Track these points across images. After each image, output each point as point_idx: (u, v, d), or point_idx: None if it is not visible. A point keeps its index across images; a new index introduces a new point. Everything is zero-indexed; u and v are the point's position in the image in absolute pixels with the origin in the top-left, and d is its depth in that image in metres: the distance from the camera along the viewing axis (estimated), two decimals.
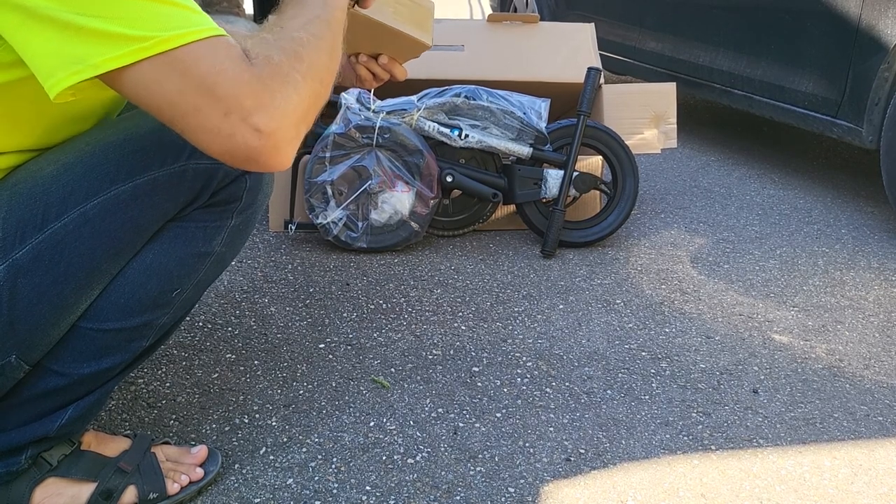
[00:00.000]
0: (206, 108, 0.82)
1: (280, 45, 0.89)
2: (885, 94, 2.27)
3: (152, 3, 0.81)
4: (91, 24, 0.79)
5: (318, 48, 0.93)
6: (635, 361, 1.60)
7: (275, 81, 0.85)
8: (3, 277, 0.95)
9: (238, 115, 0.83)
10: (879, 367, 1.62)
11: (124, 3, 0.80)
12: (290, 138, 0.87)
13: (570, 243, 2.15)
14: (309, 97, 0.89)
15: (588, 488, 1.23)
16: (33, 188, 0.96)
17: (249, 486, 1.20)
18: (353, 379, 1.50)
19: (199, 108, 0.82)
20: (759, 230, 2.35)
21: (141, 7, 0.81)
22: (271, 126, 0.84)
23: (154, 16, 0.81)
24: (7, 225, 0.95)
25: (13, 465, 1.07)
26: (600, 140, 2.17)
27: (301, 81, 0.88)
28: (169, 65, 0.81)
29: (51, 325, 0.99)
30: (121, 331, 1.05)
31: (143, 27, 0.80)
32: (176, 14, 0.82)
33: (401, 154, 2.03)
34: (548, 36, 2.43)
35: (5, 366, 0.99)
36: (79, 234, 0.97)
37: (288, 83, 0.87)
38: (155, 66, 0.81)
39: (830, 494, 1.24)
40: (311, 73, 0.90)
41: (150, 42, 0.80)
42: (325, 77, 0.93)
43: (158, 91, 0.82)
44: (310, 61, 0.90)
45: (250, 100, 0.83)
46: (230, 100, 0.83)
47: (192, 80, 0.82)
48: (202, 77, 0.82)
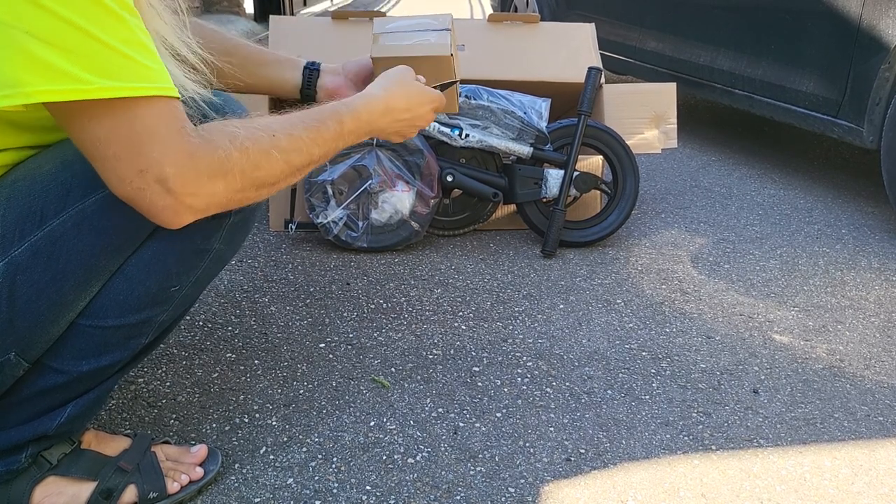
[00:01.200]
0: (126, 160, 0.84)
1: (244, 143, 0.91)
2: (886, 94, 2.27)
3: (108, 50, 0.81)
4: (38, 49, 0.79)
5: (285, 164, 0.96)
6: (636, 361, 1.60)
7: (208, 166, 0.88)
8: (1, 275, 0.95)
9: (153, 176, 0.85)
10: (880, 367, 1.62)
11: (81, 40, 0.80)
12: (194, 213, 0.90)
13: (571, 243, 2.15)
14: (238, 196, 0.92)
15: (588, 488, 1.23)
16: (32, 185, 0.96)
17: (249, 486, 1.20)
18: (354, 378, 1.50)
19: (118, 158, 0.85)
20: (760, 230, 2.35)
21: (96, 50, 0.81)
22: (184, 198, 0.87)
23: (106, 62, 0.81)
24: (6, 222, 0.95)
25: (13, 463, 1.07)
26: (601, 140, 2.17)
27: (238, 182, 0.91)
28: (105, 113, 0.83)
29: (50, 323, 0.99)
30: (120, 328, 1.04)
31: (90, 69, 0.81)
32: (129, 67, 0.83)
33: (401, 153, 2.03)
34: (548, 36, 2.43)
35: (4, 363, 0.99)
36: (78, 231, 0.97)
37: (222, 176, 0.89)
38: (92, 108, 0.82)
39: (831, 495, 1.24)
40: (259, 180, 0.93)
41: (92, 87, 0.81)
42: (269, 187, 0.96)
43: (88, 130, 0.84)
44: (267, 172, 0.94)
45: (172, 168, 0.85)
46: (151, 161, 0.85)
47: (122, 132, 0.83)
48: (133, 133, 0.84)
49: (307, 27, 2.44)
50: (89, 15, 0.80)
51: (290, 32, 2.35)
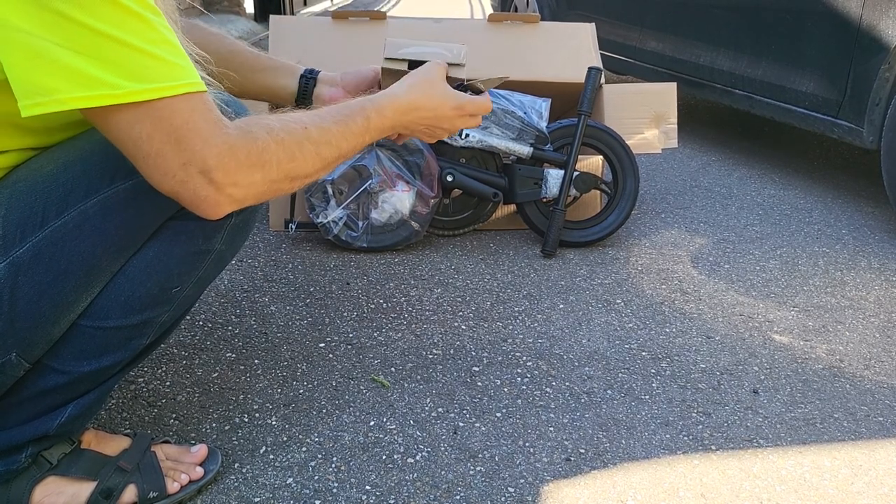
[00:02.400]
0: (169, 154, 0.87)
1: (280, 135, 0.95)
2: (886, 94, 2.27)
3: (136, 53, 0.83)
4: (69, 58, 0.80)
5: (317, 158, 1.00)
6: (635, 361, 1.60)
7: (247, 157, 0.91)
8: (3, 275, 0.95)
9: (196, 168, 0.88)
10: (880, 367, 1.62)
11: (108, 45, 0.81)
12: (234, 203, 0.93)
13: (571, 243, 2.15)
14: (274, 187, 0.95)
15: (588, 488, 1.23)
16: (34, 186, 0.96)
17: (249, 486, 1.20)
18: (354, 378, 1.50)
19: (161, 153, 0.87)
20: (760, 230, 2.35)
21: (124, 54, 0.82)
22: (225, 188, 0.90)
23: (135, 65, 0.83)
24: (7, 223, 0.95)
25: (13, 463, 1.07)
26: (601, 140, 2.17)
27: (275, 172, 0.94)
28: (141, 113, 0.84)
29: (51, 323, 0.99)
30: (121, 328, 1.05)
31: (121, 74, 0.82)
32: (157, 67, 0.84)
33: (401, 153, 2.03)
34: (548, 36, 2.42)
35: (5, 364, 0.99)
36: (79, 232, 0.97)
37: (260, 166, 0.92)
38: (127, 110, 0.84)
39: (830, 495, 1.24)
40: (293, 172, 0.97)
41: (123, 91, 0.82)
42: (301, 180, 0.99)
43: (126, 130, 0.85)
44: (301, 164, 0.97)
45: (213, 159, 0.88)
46: (194, 154, 0.87)
47: (163, 129, 0.85)
48: (173, 129, 0.86)
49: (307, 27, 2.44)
50: (114, 20, 0.81)
51: (290, 32, 2.35)
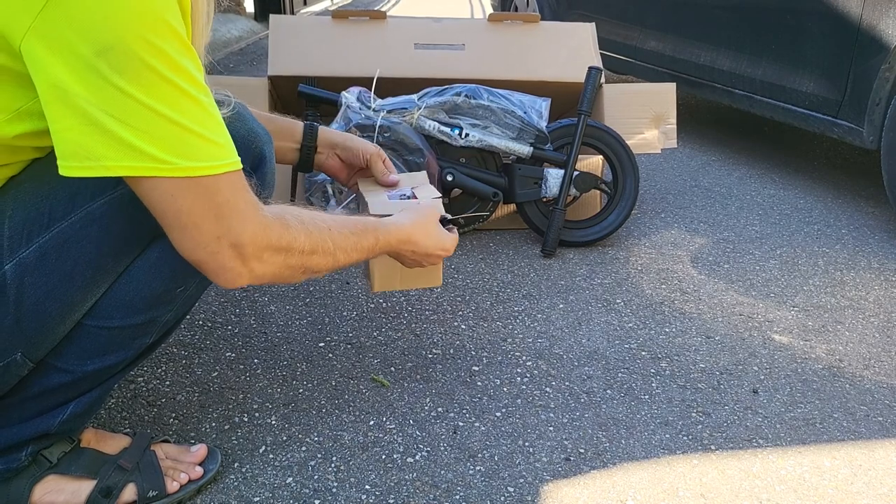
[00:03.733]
0: (206, 227, 0.92)
1: (309, 228, 1.03)
2: (886, 94, 2.27)
3: (185, 132, 0.87)
4: (118, 129, 0.84)
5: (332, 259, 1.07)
6: (635, 361, 1.60)
7: (278, 239, 0.98)
8: (10, 276, 0.95)
9: (228, 242, 0.93)
10: (879, 367, 1.62)
11: (156, 122, 0.85)
12: (252, 279, 0.98)
13: (571, 243, 2.15)
14: (287, 273, 1.02)
15: (588, 488, 1.23)
16: (39, 188, 0.97)
17: (249, 485, 1.20)
18: (353, 378, 1.50)
19: (198, 226, 0.91)
20: (760, 230, 2.35)
21: (174, 132, 0.86)
22: (251, 263, 0.96)
23: (183, 144, 0.87)
24: (14, 224, 0.95)
25: (13, 462, 1.07)
26: (601, 139, 2.17)
27: (295, 260, 1.01)
28: (185, 187, 0.89)
29: (57, 323, 1.00)
30: (125, 328, 1.05)
31: (169, 151, 0.86)
32: (204, 147, 0.89)
33: (401, 153, 2.03)
34: (549, 35, 2.43)
35: (10, 363, 0.99)
36: (85, 233, 0.97)
37: (286, 250, 1.00)
38: (171, 182, 0.88)
39: (830, 495, 1.24)
40: (309, 265, 1.04)
41: (169, 166, 0.86)
42: (311, 273, 1.06)
43: (168, 202, 0.90)
44: (318, 259, 1.05)
45: (248, 236, 0.94)
46: (230, 229, 0.93)
47: (205, 204, 0.90)
48: (214, 205, 0.91)
49: (307, 26, 2.44)
50: (169, 100, 0.85)
51: (290, 32, 2.35)
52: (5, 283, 0.95)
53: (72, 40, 0.80)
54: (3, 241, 0.95)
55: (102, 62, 0.81)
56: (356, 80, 2.11)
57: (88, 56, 0.81)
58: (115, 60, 0.81)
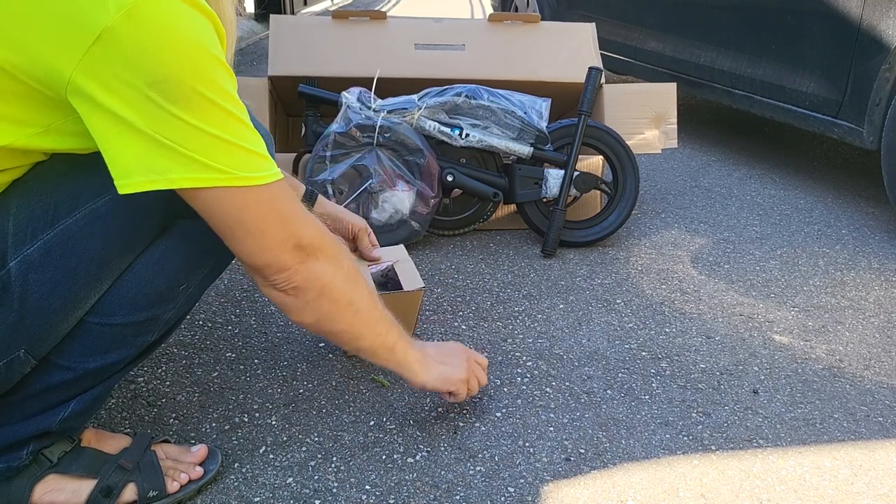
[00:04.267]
0: (272, 231, 0.98)
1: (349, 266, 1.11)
2: (886, 94, 2.27)
3: (235, 148, 0.93)
4: (177, 148, 0.89)
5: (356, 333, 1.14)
6: (635, 361, 1.60)
7: (332, 246, 1.07)
8: (14, 273, 0.96)
9: (293, 242, 1.01)
10: (879, 367, 1.62)
11: (211, 142, 0.90)
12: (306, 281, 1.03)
13: (571, 243, 2.15)
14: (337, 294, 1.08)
15: (588, 488, 1.23)
16: (44, 185, 0.97)
17: (249, 485, 1.20)
18: (353, 378, 1.50)
19: (265, 231, 0.98)
20: (760, 230, 2.35)
21: (225, 149, 0.92)
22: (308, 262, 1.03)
23: (236, 158, 0.93)
24: (18, 221, 0.96)
25: (14, 460, 1.07)
26: (601, 140, 2.17)
27: (342, 278, 1.08)
28: (249, 195, 0.95)
29: (60, 320, 1.00)
30: (128, 325, 1.05)
31: (227, 164, 0.92)
32: (254, 160, 0.95)
33: (401, 153, 2.03)
34: (549, 35, 2.43)
35: (13, 360, 1.00)
36: (89, 230, 0.98)
37: (336, 263, 1.07)
38: (236, 192, 0.94)
39: (830, 495, 1.24)
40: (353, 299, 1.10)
41: (228, 175, 0.92)
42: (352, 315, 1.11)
43: (236, 213, 0.96)
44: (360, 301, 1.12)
45: (308, 236, 1.02)
46: (294, 231, 1.00)
47: (269, 211, 0.97)
48: (278, 211, 0.98)
49: (307, 26, 2.44)
50: (218, 122, 0.90)
51: (291, 32, 2.35)
52: (10, 280, 0.96)
53: (124, 74, 0.85)
54: (8, 238, 0.96)
55: (155, 93, 0.86)
56: (356, 81, 2.11)
57: (142, 87, 0.85)
58: (168, 91, 0.86)
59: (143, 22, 0.84)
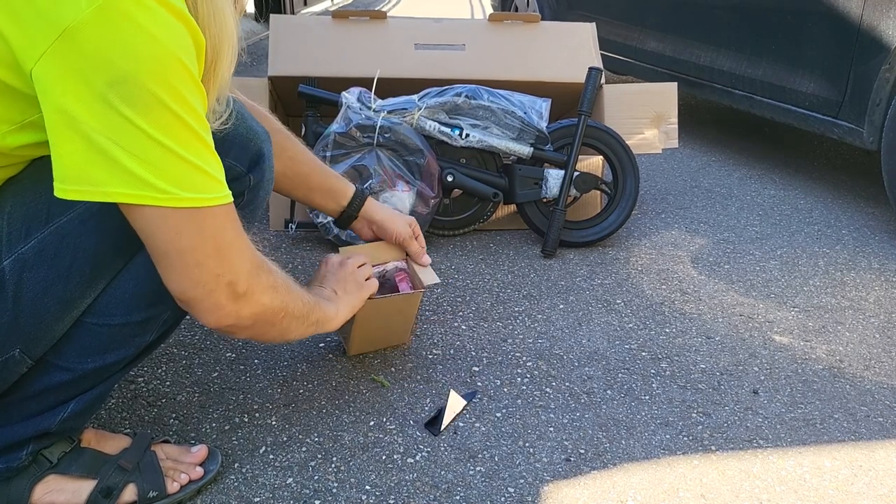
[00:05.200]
0: (209, 265, 0.93)
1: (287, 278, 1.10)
2: (887, 94, 2.27)
3: (184, 164, 0.88)
4: (121, 157, 0.85)
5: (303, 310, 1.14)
6: (635, 361, 1.60)
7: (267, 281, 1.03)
8: (8, 271, 0.95)
9: (226, 280, 0.96)
10: (880, 367, 1.62)
11: (159, 153, 0.86)
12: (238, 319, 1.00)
13: (571, 243, 2.15)
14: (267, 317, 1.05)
15: (588, 488, 1.23)
16: (38, 184, 0.97)
17: (249, 485, 1.20)
18: (353, 378, 1.50)
19: (202, 264, 0.93)
20: (760, 231, 2.35)
21: (172, 163, 0.87)
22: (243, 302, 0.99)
23: (182, 175, 0.88)
24: (13, 220, 0.96)
25: (14, 461, 1.07)
26: (601, 140, 2.17)
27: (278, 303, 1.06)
28: (191, 220, 0.90)
29: (55, 320, 1.00)
30: (125, 325, 1.05)
31: (169, 181, 0.87)
32: (201, 179, 0.90)
33: (401, 153, 2.03)
34: (549, 35, 2.43)
35: (8, 360, 0.99)
36: (84, 228, 0.97)
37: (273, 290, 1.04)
38: (177, 218, 0.89)
39: (830, 495, 1.24)
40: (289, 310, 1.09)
41: (169, 195, 0.87)
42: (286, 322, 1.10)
43: (173, 239, 0.90)
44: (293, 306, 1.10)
45: (245, 275, 0.98)
46: (230, 267, 0.95)
47: (207, 240, 0.92)
48: (217, 242, 0.93)
49: (307, 26, 2.44)
50: (171, 131, 0.86)
51: (291, 32, 2.35)
52: (4, 279, 0.95)
53: (85, 71, 0.82)
54: (2, 237, 0.95)
55: (113, 93, 0.83)
56: (356, 81, 2.11)
57: (100, 86, 0.82)
58: (126, 92, 0.83)
59: (111, 19, 0.82)
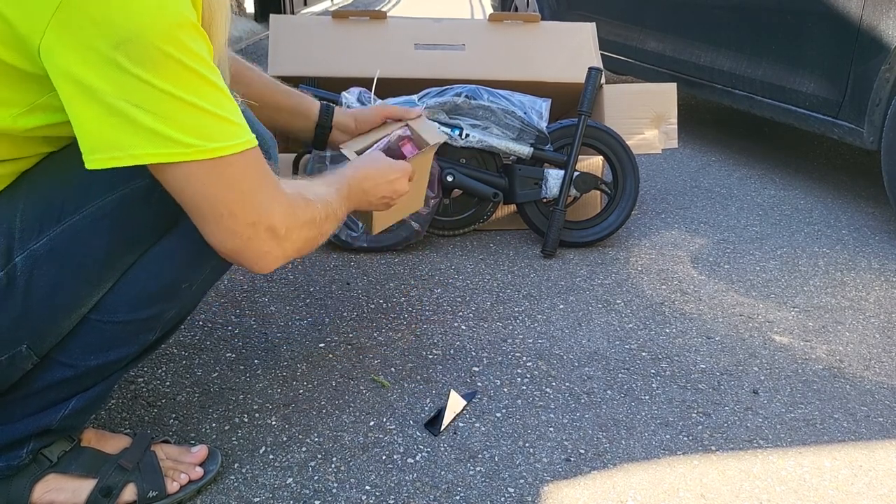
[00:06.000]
0: (240, 214, 0.93)
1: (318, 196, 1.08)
2: (886, 94, 2.27)
3: (203, 114, 0.88)
4: (141, 117, 0.85)
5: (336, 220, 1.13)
6: (635, 361, 1.60)
7: (303, 215, 1.01)
8: (20, 268, 0.96)
9: (264, 226, 0.96)
10: (880, 367, 1.62)
11: (176, 107, 0.86)
12: (285, 258, 1.01)
13: (571, 243, 2.15)
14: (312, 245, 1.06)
15: (588, 488, 1.23)
16: (52, 182, 0.98)
17: (249, 486, 1.20)
18: (353, 378, 1.50)
19: (233, 213, 0.93)
20: (760, 231, 2.35)
21: (192, 115, 0.87)
22: (285, 244, 0.99)
23: (203, 126, 0.88)
24: (26, 217, 0.96)
25: (14, 459, 1.07)
26: (601, 140, 2.17)
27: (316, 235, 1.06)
28: (215, 171, 0.90)
29: (63, 316, 1.01)
30: (130, 323, 1.05)
31: (192, 134, 0.87)
32: (222, 126, 0.90)
33: None
34: (549, 35, 2.42)
35: (16, 355, 1.00)
36: (96, 227, 0.98)
37: (310, 224, 1.03)
38: (203, 170, 0.89)
39: (830, 495, 1.24)
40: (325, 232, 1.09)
41: (195, 148, 0.87)
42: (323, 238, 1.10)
43: (201, 191, 0.90)
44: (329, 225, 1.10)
45: (279, 217, 0.97)
46: (262, 213, 0.95)
47: (234, 188, 0.92)
48: (244, 188, 0.93)
49: (307, 26, 2.44)
50: (184, 83, 0.86)
51: (290, 32, 2.35)
52: (15, 275, 0.96)
53: (89, 36, 0.82)
54: (15, 233, 0.96)
55: (120, 55, 0.83)
56: (356, 81, 2.11)
57: (106, 50, 0.82)
58: (133, 52, 0.83)
59: None
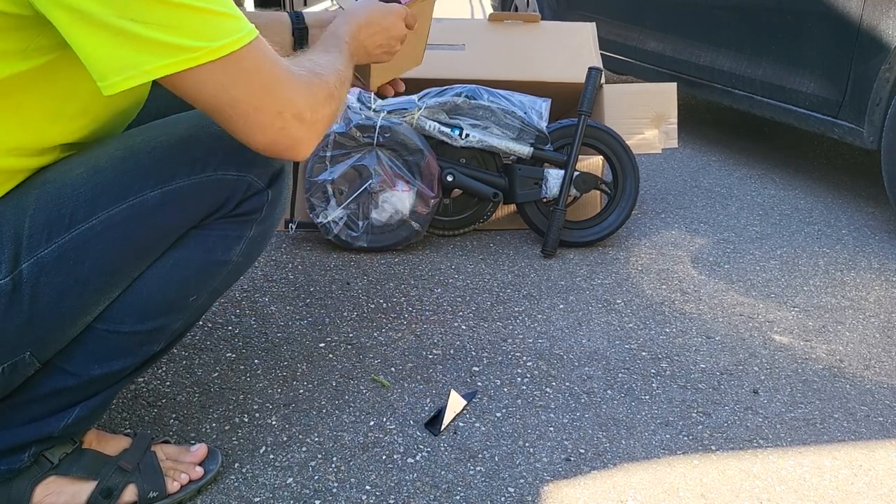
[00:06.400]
0: (264, 108, 0.92)
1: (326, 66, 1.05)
2: (886, 94, 2.27)
3: (202, 14, 0.86)
4: (142, 31, 0.84)
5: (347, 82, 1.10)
6: (635, 361, 1.60)
7: (321, 92, 0.99)
8: (27, 274, 0.96)
9: (290, 114, 0.94)
10: (880, 367, 1.62)
11: (171, 12, 0.84)
12: (318, 137, 0.99)
13: (571, 243, 2.15)
14: (335, 117, 1.04)
15: (588, 488, 1.23)
16: (62, 188, 0.97)
17: (249, 485, 1.20)
18: (354, 378, 1.50)
19: (258, 108, 0.91)
20: (760, 230, 2.35)
21: (192, 17, 0.86)
22: (314, 125, 0.97)
23: (205, 25, 0.86)
24: (34, 223, 0.96)
25: (15, 462, 1.07)
26: (601, 140, 2.17)
27: (335, 104, 1.02)
28: (229, 68, 0.88)
29: (68, 325, 1.00)
30: (135, 334, 1.05)
31: (192, 36, 0.86)
32: (223, 22, 0.88)
33: (401, 153, 2.03)
34: (549, 35, 2.42)
35: (18, 362, 1.00)
36: (104, 237, 0.98)
37: (330, 98, 1.01)
38: (216, 71, 0.87)
39: (830, 495, 1.24)
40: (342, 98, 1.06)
41: (203, 51, 0.86)
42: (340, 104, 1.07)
43: (221, 93, 0.89)
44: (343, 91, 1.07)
45: (302, 101, 0.95)
46: (285, 101, 0.93)
47: (254, 81, 0.90)
48: (262, 80, 0.91)
49: None
50: None
51: None
52: (21, 282, 0.96)
53: None
54: (23, 240, 0.95)
55: None
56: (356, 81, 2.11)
57: None
58: None
59: None
